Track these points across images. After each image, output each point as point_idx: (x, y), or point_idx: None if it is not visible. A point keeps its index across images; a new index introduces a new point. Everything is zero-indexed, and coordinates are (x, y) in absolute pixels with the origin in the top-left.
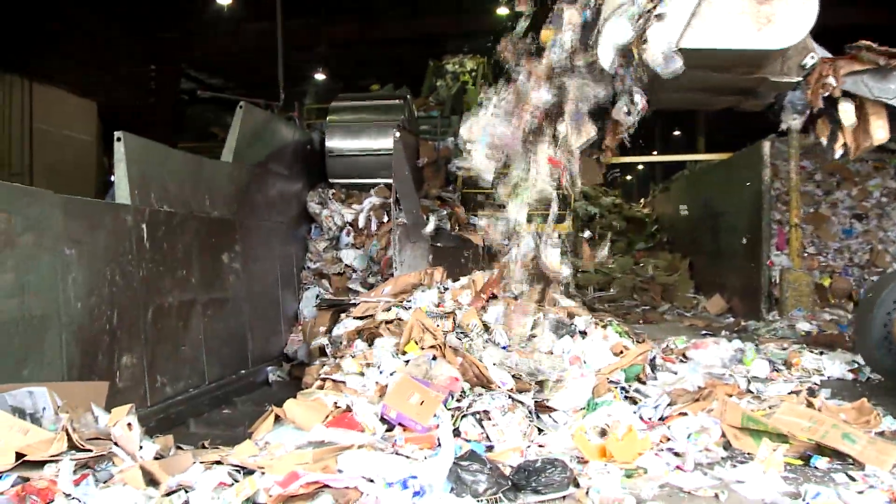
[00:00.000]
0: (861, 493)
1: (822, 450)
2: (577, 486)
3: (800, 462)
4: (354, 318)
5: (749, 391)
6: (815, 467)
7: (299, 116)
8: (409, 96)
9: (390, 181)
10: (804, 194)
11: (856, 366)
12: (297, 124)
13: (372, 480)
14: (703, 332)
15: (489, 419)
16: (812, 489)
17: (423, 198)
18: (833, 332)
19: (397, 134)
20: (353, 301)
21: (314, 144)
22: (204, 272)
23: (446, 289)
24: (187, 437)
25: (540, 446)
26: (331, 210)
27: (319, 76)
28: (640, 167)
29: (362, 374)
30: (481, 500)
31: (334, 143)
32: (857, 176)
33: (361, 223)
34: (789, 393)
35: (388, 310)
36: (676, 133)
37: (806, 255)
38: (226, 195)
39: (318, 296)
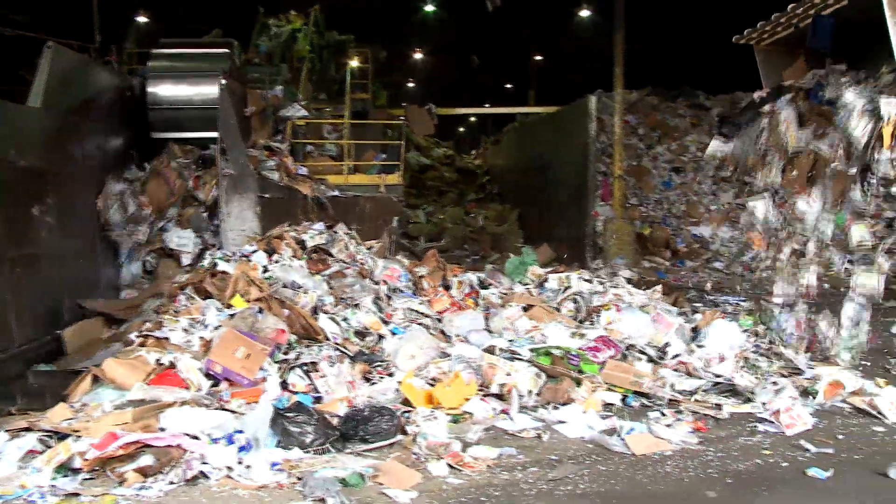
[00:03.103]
0: (669, 425)
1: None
2: (404, 433)
3: (618, 401)
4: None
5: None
6: (631, 406)
7: (118, 61)
8: (236, 43)
9: (216, 135)
10: (627, 147)
11: None
12: (115, 69)
13: (196, 437)
14: None
15: (317, 371)
16: (626, 425)
17: (250, 147)
18: (652, 278)
19: (223, 82)
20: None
21: (135, 91)
22: (10, 226)
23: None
24: (26, 388)
25: (369, 396)
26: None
27: (141, 18)
28: (472, 119)
29: (186, 329)
30: (308, 451)
31: (157, 92)
32: (676, 131)
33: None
34: None
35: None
36: (508, 86)
37: (628, 205)
38: (35, 143)
39: (144, 263)
